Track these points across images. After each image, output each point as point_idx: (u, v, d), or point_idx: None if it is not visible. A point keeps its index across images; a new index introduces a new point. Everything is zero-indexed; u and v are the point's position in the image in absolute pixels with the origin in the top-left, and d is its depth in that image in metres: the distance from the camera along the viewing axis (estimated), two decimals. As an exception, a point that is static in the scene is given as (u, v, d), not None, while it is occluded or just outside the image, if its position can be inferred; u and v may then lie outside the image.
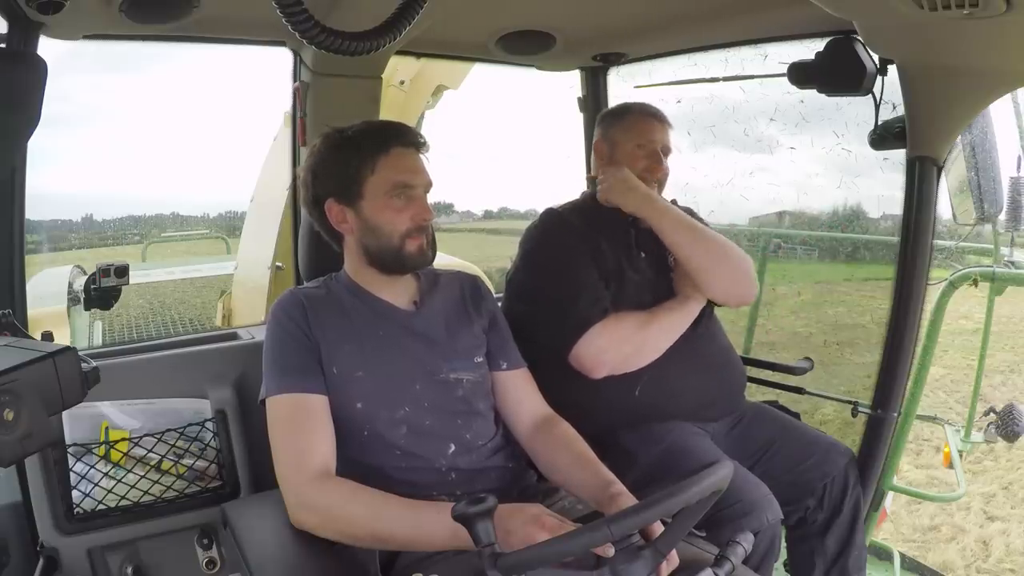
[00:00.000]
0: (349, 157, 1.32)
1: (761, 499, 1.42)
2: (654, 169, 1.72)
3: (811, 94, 1.82)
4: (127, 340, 4.06)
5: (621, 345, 1.57)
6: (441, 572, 1.14)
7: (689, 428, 1.60)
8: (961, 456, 2.28)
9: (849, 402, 1.84)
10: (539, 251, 1.69)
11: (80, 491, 1.45)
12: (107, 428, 1.48)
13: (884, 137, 1.72)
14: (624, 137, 1.76)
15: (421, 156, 1.36)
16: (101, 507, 1.47)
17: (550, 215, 1.74)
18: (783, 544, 1.62)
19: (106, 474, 1.47)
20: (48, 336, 1.13)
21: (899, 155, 1.70)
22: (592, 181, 1.81)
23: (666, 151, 1.75)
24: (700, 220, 1.80)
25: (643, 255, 1.71)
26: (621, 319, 1.59)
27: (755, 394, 1.95)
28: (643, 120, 1.76)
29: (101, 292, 2.56)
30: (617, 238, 1.70)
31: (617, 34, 2.03)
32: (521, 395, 1.44)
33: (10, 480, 1.46)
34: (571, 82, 2.33)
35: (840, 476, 1.61)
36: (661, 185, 1.74)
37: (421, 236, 1.34)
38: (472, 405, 1.37)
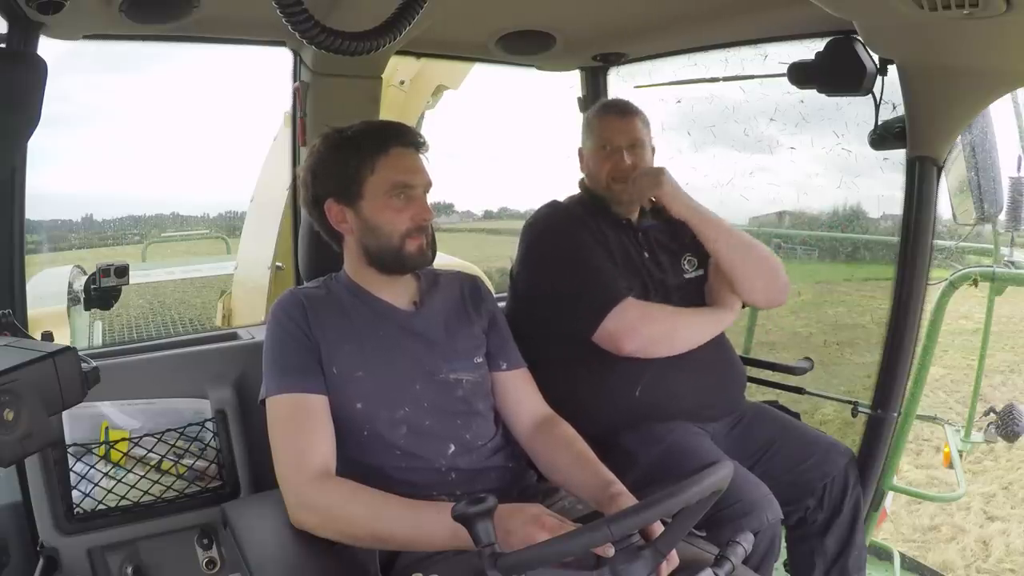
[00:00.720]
0: (348, 157, 1.32)
1: (761, 499, 1.42)
2: (617, 169, 1.68)
3: (811, 94, 1.82)
4: (127, 340, 4.07)
5: (653, 323, 1.57)
6: (441, 572, 1.13)
7: (689, 428, 1.59)
8: (961, 456, 2.28)
9: (849, 402, 1.84)
10: (545, 242, 1.68)
11: (80, 491, 1.45)
12: (107, 428, 1.48)
13: (884, 137, 1.72)
14: (589, 142, 1.74)
15: (421, 156, 1.36)
16: (101, 507, 1.47)
17: (554, 206, 1.75)
18: (783, 544, 1.62)
19: (106, 474, 1.47)
20: (48, 336, 1.13)
21: (899, 155, 1.70)
22: (582, 186, 1.80)
23: (635, 144, 1.70)
24: None
25: (647, 255, 1.71)
26: (652, 304, 1.60)
27: (755, 394, 1.95)
28: (601, 120, 1.73)
29: (101, 292, 2.56)
30: (616, 235, 1.70)
31: (617, 34, 2.03)
32: (521, 395, 1.44)
33: (10, 480, 1.46)
34: (571, 82, 2.34)
35: (840, 476, 1.61)
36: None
37: (421, 236, 1.34)
38: (472, 405, 1.37)
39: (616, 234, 1.70)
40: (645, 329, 1.55)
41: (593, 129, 1.74)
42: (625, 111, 1.74)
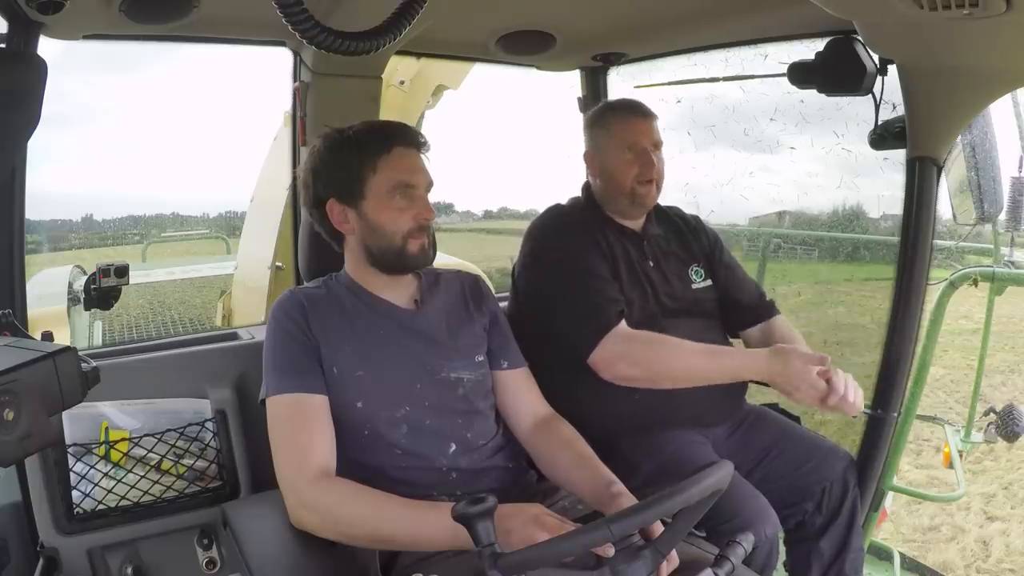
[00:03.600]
0: (350, 157, 1.32)
1: (759, 512, 1.43)
2: (647, 172, 1.64)
3: (811, 94, 1.82)
4: (127, 340, 4.07)
5: (633, 365, 1.52)
6: (441, 572, 1.14)
7: (690, 436, 1.59)
8: (961, 456, 2.28)
9: (849, 402, 1.84)
10: (546, 249, 1.66)
11: (80, 491, 1.45)
12: (107, 428, 1.48)
13: (884, 137, 1.72)
14: (610, 143, 1.67)
15: (422, 156, 1.36)
16: (101, 507, 1.47)
17: (557, 211, 1.73)
18: (782, 547, 1.62)
19: (106, 474, 1.47)
20: (48, 336, 1.13)
21: (899, 155, 1.70)
22: (586, 187, 1.77)
23: (656, 145, 1.67)
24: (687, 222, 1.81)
25: (651, 264, 1.69)
26: (640, 336, 1.53)
27: (755, 395, 1.95)
28: (625, 120, 1.68)
29: (101, 292, 2.55)
30: (621, 243, 1.68)
31: (617, 34, 2.03)
32: (521, 394, 1.44)
33: (10, 480, 1.46)
34: (571, 82, 2.34)
35: (839, 480, 1.61)
36: (658, 184, 1.67)
37: (423, 235, 1.34)
38: (473, 404, 1.37)
39: (621, 242, 1.67)
40: (622, 368, 1.52)
41: (613, 132, 1.68)
42: (646, 111, 1.69)
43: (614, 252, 1.65)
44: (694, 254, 1.75)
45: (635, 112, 1.69)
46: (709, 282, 1.74)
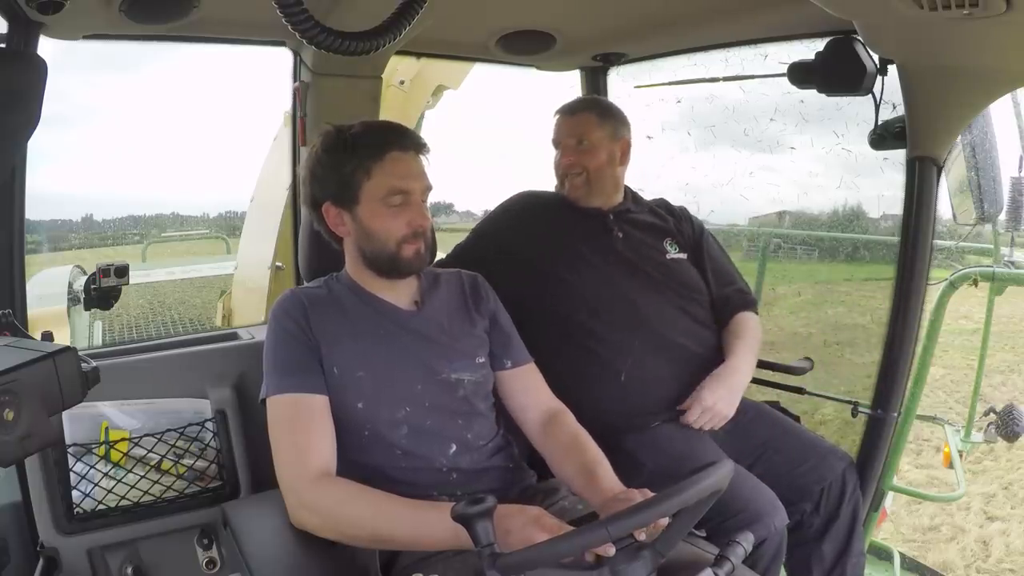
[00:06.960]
0: (345, 161, 1.31)
1: (767, 506, 1.43)
2: (566, 164, 1.77)
3: (811, 94, 1.82)
4: (127, 340, 4.07)
5: None
6: (441, 572, 1.14)
7: (692, 432, 1.60)
8: (961, 456, 2.29)
9: (849, 402, 1.84)
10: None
11: (80, 491, 1.45)
12: (107, 428, 1.48)
13: (884, 137, 1.72)
14: (553, 142, 1.83)
15: (421, 158, 1.35)
16: (101, 507, 1.47)
17: (520, 193, 1.85)
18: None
19: (106, 474, 1.47)
20: (48, 336, 1.13)
21: (899, 155, 1.71)
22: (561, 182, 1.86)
23: (581, 139, 1.76)
24: (686, 220, 1.86)
25: (620, 236, 1.76)
26: None
27: (755, 394, 1.95)
28: (555, 122, 1.83)
29: (101, 292, 2.55)
30: (589, 221, 1.76)
31: (617, 34, 2.03)
32: (529, 390, 1.44)
33: (10, 480, 1.47)
34: (571, 82, 2.34)
35: (838, 481, 1.61)
36: (591, 175, 1.76)
37: (418, 241, 1.33)
38: (473, 405, 1.37)
39: (585, 220, 1.77)
40: None
41: (552, 133, 1.83)
42: (573, 109, 1.81)
43: (573, 228, 1.75)
44: (669, 229, 1.82)
45: (563, 110, 1.83)
46: (684, 255, 1.80)
